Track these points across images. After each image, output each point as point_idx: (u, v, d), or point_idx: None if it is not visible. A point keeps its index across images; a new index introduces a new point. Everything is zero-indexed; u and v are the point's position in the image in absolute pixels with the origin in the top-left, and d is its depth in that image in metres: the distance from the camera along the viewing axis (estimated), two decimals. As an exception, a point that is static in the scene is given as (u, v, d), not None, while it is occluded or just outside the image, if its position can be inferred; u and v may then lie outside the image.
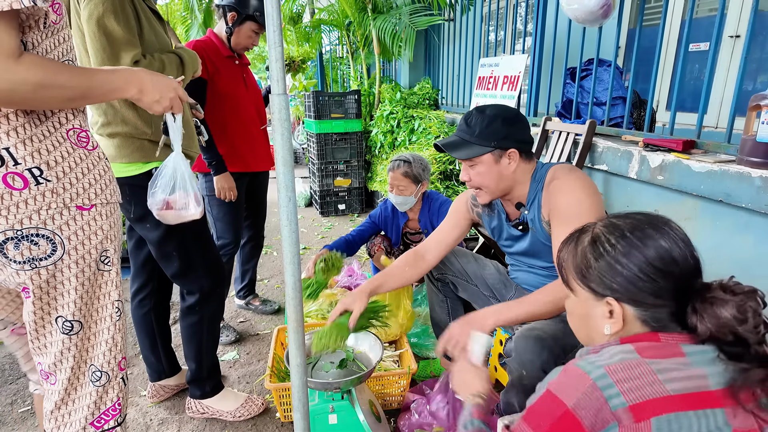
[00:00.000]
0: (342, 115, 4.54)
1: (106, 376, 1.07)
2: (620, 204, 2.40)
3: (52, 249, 0.92)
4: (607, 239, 0.83)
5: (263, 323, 2.57)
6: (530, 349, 1.31)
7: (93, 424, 1.07)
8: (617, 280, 0.80)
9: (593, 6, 2.33)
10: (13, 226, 0.88)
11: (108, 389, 1.08)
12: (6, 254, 0.89)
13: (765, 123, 1.64)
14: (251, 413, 1.80)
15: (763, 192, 1.62)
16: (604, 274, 0.82)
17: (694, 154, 1.99)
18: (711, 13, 3.58)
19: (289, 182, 0.87)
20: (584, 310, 0.87)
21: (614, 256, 0.81)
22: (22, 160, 0.87)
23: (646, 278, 0.79)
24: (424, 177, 2.44)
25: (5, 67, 0.79)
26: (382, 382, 1.76)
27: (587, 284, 0.85)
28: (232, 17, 2.06)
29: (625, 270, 0.80)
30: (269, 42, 0.81)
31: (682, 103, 2.67)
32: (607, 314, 0.83)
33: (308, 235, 4.17)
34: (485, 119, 1.40)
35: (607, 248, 0.82)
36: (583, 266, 0.85)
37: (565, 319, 1.46)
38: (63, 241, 0.93)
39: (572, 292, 0.89)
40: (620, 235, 0.82)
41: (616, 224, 0.84)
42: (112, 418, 1.10)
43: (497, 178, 1.43)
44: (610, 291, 0.82)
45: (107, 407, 1.09)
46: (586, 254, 0.85)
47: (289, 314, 0.95)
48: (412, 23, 4.20)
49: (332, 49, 6.90)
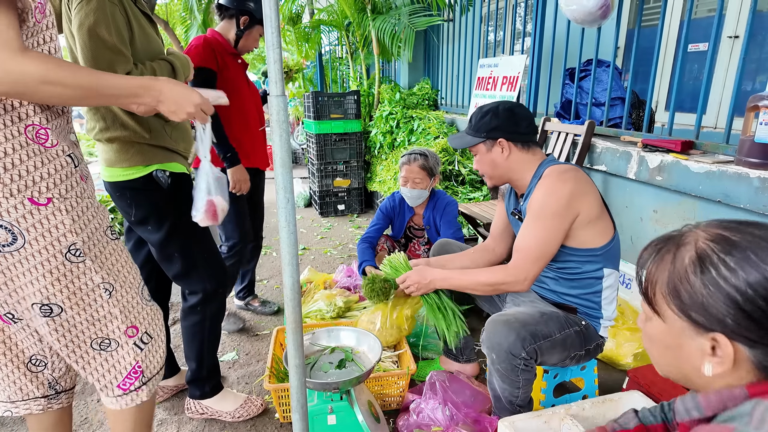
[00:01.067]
0: (341, 116, 4.55)
1: (115, 343, 1.13)
2: (619, 204, 2.41)
3: (12, 238, 0.94)
4: (720, 258, 0.64)
5: (262, 324, 2.57)
6: (497, 332, 1.40)
7: (119, 386, 1.16)
8: (732, 313, 0.62)
9: (592, 7, 2.34)
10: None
11: (123, 354, 1.15)
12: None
13: (763, 124, 1.64)
14: (250, 414, 1.80)
15: (761, 192, 1.63)
16: (714, 304, 0.64)
17: (692, 155, 2.00)
18: (710, 13, 3.58)
19: (288, 183, 0.87)
20: (675, 341, 0.70)
21: (732, 282, 0.62)
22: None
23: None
24: (437, 171, 2.49)
25: (12, 60, 0.81)
26: (381, 383, 1.76)
27: (686, 313, 0.67)
28: (244, 21, 2.10)
29: (748, 303, 0.62)
30: (267, 43, 0.81)
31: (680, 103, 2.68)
32: (708, 351, 0.66)
33: (307, 235, 4.17)
34: (480, 114, 1.56)
35: (722, 271, 0.63)
36: (684, 290, 0.66)
37: (543, 309, 1.50)
38: (22, 232, 0.95)
39: (658, 315, 0.71)
40: (741, 256, 0.63)
41: (729, 239, 0.65)
42: (136, 379, 1.17)
43: (491, 165, 1.57)
44: (720, 326, 0.64)
45: (128, 371, 1.16)
46: (689, 275, 0.66)
47: (287, 315, 0.95)
48: (412, 24, 4.21)
49: (332, 49, 6.91)
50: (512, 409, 1.47)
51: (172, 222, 1.52)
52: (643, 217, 2.25)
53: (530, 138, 1.55)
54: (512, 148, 1.53)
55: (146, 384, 1.20)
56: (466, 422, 1.55)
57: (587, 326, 1.51)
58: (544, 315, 1.47)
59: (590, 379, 1.70)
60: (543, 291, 1.63)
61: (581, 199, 1.41)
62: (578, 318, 1.52)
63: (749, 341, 0.63)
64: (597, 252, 1.47)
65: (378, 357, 1.55)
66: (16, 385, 1.18)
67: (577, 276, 1.51)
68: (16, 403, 1.20)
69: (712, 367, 0.66)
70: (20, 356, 1.16)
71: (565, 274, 1.53)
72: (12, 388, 1.18)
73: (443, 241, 2.01)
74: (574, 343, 1.47)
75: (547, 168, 1.49)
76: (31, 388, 1.20)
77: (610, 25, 2.60)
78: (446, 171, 3.79)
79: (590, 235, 1.46)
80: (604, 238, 1.47)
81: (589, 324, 1.52)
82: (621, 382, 1.84)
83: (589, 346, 1.51)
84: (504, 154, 1.54)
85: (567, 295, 1.55)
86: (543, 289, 1.63)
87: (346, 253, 3.66)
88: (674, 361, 0.72)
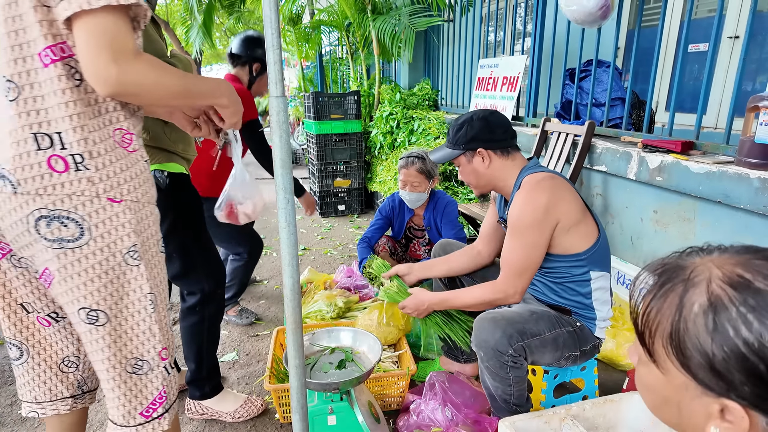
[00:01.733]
0: (341, 116, 4.55)
1: (147, 365, 1.09)
2: (619, 205, 2.41)
3: (80, 233, 0.95)
4: (740, 313, 0.49)
5: (262, 324, 2.57)
6: (484, 329, 1.43)
7: (142, 413, 1.10)
8: (752, 381, 0.49)
9: (592, 7, 2.34)
10: (46, 205, 0.92)
11: (152, 378, 1.10)
12: (38, 230, 0.93)
13: (763, 124, 1.64)
14: (250, 414, 1.80)
15: (762, 193, 1.62)
16: (729, 369, 0.50)
17: (692, 155, 2.00)
18: (710, 13, 3.58)
19: (288, 184, 0.87)
20: (675, 397, 0.57)
21: (754, 347, 0.48)
22: (69, 145, 0.91)
23: None
24: (435, 173, 2.48)
25: (130, 64, 0.86)
26: (381, 383, 1.76)
27: (692, 372, 0.53)
28: (256, 68, 2.27)
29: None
30: (267, 44, 0.81)
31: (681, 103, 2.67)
32: (716, 414, 0.53)
33: (308, 235, 4.18)
34: (456, 126, 1.59)
35: (742, 331, 0.48)
36: (691, 346, 0.52)
37: (534, 309, 1.51)
38: (90, 228, 0.96)
39: (654, 363, 0.58)
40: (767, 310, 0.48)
41: (751, 285, 0.50)
42: (160, 405, 1.13)
43: (474, 175, 1.60)
44: (735, 393, 0.50)
45: (154, 396, 1.11)
46: (698, 330, 0.51)
47: (287, 315, 0.95)
48: (412, 24, 4.21)
49: (332, 49, 6.91)
50: (509, 409, 1.47)
51: (170, 222, 1.52)
52: (644, 218, 2.25)
53: (508, 144, 1.56)
54: (492, 156, 1.55)
55: (168, 411, 1.15)
56: (466, 423, 1.55)
57: (582, 327, 1.51)
58: (534, 314, 1.47)
59: (590, 379, 1.70)
60: (536, 293, 1.63)
61: (558, 207, 1.41)
62: (572, 319, 1.52)
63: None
64: (581, 256, 1.47)
65: (378, 357, 1.55)
66: (45, 385, 1.18)
67: (565, 280, 1.52)
68: (43, 404, 1.19)
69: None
70: (53, 357, 1.16)
71: (553, 278, 1.54)
72: (41, 388, 1.18)
73: (444, 241, 2.01)
74: (567, 343, 1.47)
75: (524, 177, 1.50)
76: (61, 389, 1.19)
77: (611, 25, 2.60)
78: (446, 171, 3.79)
79: (572, 241, 1.46)
80: (587, 242, 1.47)
81: (584, 325, 1.52)
82: (621, 383, 1.84)
83: (584, 347, 1.51)
84: (485, 163, 1.56)
85: (558, 297, 1.55)
86: (536, 291, 1.63)
87: (346, 253, 3.66)
88: (674, 417, 0.60)
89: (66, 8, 0.82)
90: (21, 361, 1.15)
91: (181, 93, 0.99)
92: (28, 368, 1.15)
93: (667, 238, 2.12)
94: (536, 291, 1.62)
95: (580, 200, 1.47)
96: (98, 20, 0.83)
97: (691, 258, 0.56)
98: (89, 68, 0.85)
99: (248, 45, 2.27)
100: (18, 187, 0.91)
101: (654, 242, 2.21)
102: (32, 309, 1.10)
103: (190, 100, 1.07)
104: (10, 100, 0.89)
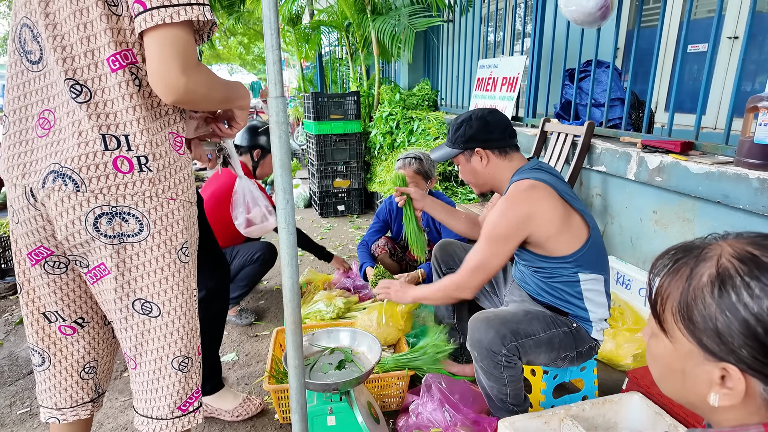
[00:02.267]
0: (341, 117, 4.55)
1: (190, 362, 1.13)
2: (619, 205, 2.41)
3: (140, 228, 1.00)
4: (744, 282, 0.55)
5: (262, 325, 2.57)
6: (477, 329, 1.44)
7: (180, 408, 1.13)
8: (750, 345, 0.54)
9: (591, 7, 2.34)
10: (109, 202, 0.96)
11: (192, 374, 1.14)
12: (98, 228, 0.97)
13: (762, 125, 1.65)
14: (249, 413, 1.80)
15: (761, 193, 1.63)
16: (730, 333, 0.55)
17: (692, 156, 2.00)
18: (709, 14, 3.58)
19: (287, 185, 0.87)
20: (681, 364, 0.62)
21: (754, 311, 0.54)
22: (135, 147, 0.96)
23: None
24: (433, 173, 2.48)
25: (196, 74, 0.92)
26: (381, 384, 1.76)
27: (697, 337, 0.59)
28: (257, 153, 2.45)
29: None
30: (267, 45, 0.81)
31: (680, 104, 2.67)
32: (717, 380, 0.58)
33: (307, 236, 4.17)
34: (455, 125, 1.60)
35: (744, 297, 0.54)
36: (697, 312, 0.58)
37: (529, 309, 1.51)
38: (150, 224, 1.00)
39: (665, 333, 0.63)
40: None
41: (758, 260, 0.55)
42: (195, 399, 1.16)
43: (473, 174, 1.62)
44: (734, 357, 0.56)
45: (192, 391, 1.15)
46: (705, 296, 0.57)
47: (286, 316, 0.95)
48: (411, 24, 4.21)
49: (332, 50, 6.91)
50: (506, 409, 1.48)
51: None
52: (643, 218, 2.25)
53: (506, 143, 1.56)
54: (490, 156, 1.56)
55: (201, 405, 1.19)
56: (465, 423, 1.55)
57: (578, 328, 1.51)
58: (529, 314, 1.47)
59: (590, 380, 1.70)
60: (531, 292, 1.63)
61: (534, 221, 1.42)
62: (568, 320, 1.52)
63: (765, 378, 0.55)
64: (567, 259, 1.47)
65: (378, 358, 1.55)
66: (66, 392, 1.19)
67: (554, 279, 1.52)
68: (63, 410, 1.20)
69: (719, 398, 0.59)
70: (74, 366, 1.18)
71: (543, 276, 1.54)
72: (62, 395, 1.19)
73: (445, 241, 2.01)
74: (563, 343, 1.47)
75: (513, 182, 1.51)
76: (81, 395, 1.21)
77: (610, 25, 2.60)
78: (446, 171, 3.79)
79: (554, 246, 1.46)
80: (573, 245, 1.46)
81: (580, 326, 1.51)
82: (621, 383, 1.84)
83: (580, 348, 1.50)
84: (483, 162, 1.57)
85: (550, 295, 1.55)
86: (531, 290, 1.63)
87: (345, 253, 3.66)
88: (678, 385, 0.65)
89: (148, 21, 0.87)
90: (43, 368, 1.17)
91: (225, 98, 1.07)
92: (50, 375, 1.17)
93: (667, 239, 2.12)
94: (530, 289, 1.62)
95: (561, 208, 1.43)
96: (172, 33, 0.89)
97: (709, 240, 0.62)
98: (160, 77, 0.90)
99: (248, 135, 2.55)
100: (81, 186, 0.94)
101: (653, 243, 2.21)
102: (55, 318, 1.13)
103: (229, 104, 1.12)
104: (79, 102, 0.93)
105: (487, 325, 1.42)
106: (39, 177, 0.97)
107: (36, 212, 1.00)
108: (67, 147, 0.94)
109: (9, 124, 1.02)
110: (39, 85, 0.98)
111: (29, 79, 0.99)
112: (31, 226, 1.02)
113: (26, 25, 0.97)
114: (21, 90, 1.00)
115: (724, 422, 0.62)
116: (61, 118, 0.96)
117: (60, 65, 0.93)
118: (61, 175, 0.94)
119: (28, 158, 1.00)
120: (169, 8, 0.87)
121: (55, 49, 0.93)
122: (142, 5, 0.87)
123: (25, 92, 1.00)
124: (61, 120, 0.96)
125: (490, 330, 1.40)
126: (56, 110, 0.97)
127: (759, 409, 0.58)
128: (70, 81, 0.93)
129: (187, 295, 1.09)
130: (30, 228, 1.02)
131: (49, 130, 0.97)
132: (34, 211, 1.00)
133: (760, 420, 0.58)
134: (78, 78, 0.93)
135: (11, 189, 1.03)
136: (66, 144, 0.95)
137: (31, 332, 1.14)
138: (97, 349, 1.20)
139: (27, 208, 1.00)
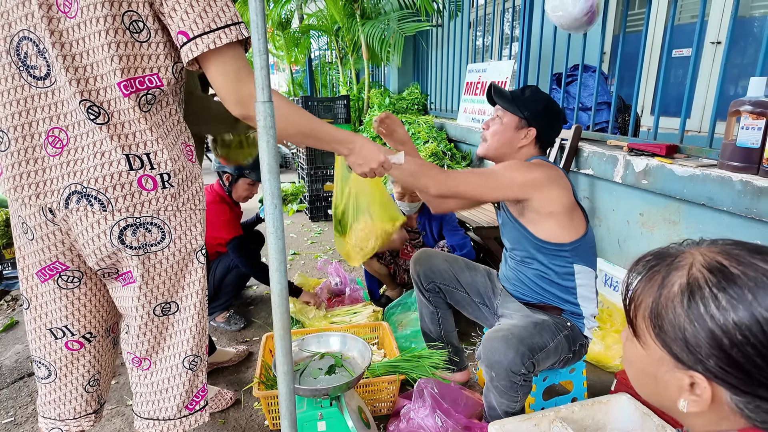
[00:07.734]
0: (331, 120, 4.54)
1: (199, 360, 1.14)
2: (606, 208, 2.43)
3: (162, 236, 1.03)
4: (711, 293, 0.55)
5: (251, 330, 2.55)
6: (495, 349, 1.38)
7: (187, 407, 1.15)
8: (716, 355, 0.55)
9: (578, 13, 2.37)
10: (132, 213, 0.99)
11: (199, 372, 1.15)
12: (124, 240, 1.00)
13: (744, 128, 1.68)
14: (219, 407, 1.84)
15: (743, 196, 1.65)
16: (697, 343, 0.56)
17: (677, 159, 2.03)
18: (692, 19, 3.65)
19: (275, 189, 0.86)
20: (653, 370, 0.63)
21: (720, 322, 0.54)
22: (157, 165, 0.98)
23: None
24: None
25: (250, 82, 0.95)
26: (372, 388, 1.76)
27: (666, 345, 0.59)
28: (227, 178, 2.41)
29: (735, 348, 0.54)
30: (254, 49, 0.81)
31: (665, 107, 2.72)
32: (686, 387, 0.59)
33: (298, 240, 4.16)
34: (534, 95, 1.57)
35: (711, 308, 0.55)
36: (667, 321, 0.59)
37: (534, 319, 1.51)
38: (170, 231, 1.03)
39: (637, 339, 0.64)
40: (737, 293, 0.54)
41: (727, 271, 0.56)
42: (202, 398, 1.18)
43: (504, 140, 1.57)
44: (702, 366, 0.57)
45: (198, 389, 1.16)
46: (674, 305, 0.58)
47: (275, 321, 0.94)
48: (401, 29, 4.23)
49: (321, 54, 6.92)
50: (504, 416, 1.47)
51: None
52: (630, 220, 2.28)
53: (549, 143, 1.62)
54: (532, 143, 1.56)
55: (207, 403, 1.19)
56: (457, 428, 1.55)
57: (573, 327, 1.53)
58: (537, 325, 1.47)
59: (579, 381, 1.72)
60: (521, 296, 1.63)
61: (543, 190, 1.43)
62: (563, 320, 1.53)
63: (731, 387, 0.56)
64: (566, 247, 1.49)
65: (368, 362, 1.55)
66: (71, 404, 1.19)
67: (548, 275, 1.53)
68: (67, 421, 1.20)
69: (688, 404, 0.60)
70: (80, 379, 1.18)
71: (538, 271, 1.55)
72: (66, 407, 1.19)
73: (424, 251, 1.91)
74: (564, 347, 1.48)
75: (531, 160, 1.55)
76: (85, 407, 1.21)
77: (596, 30, 2.63)
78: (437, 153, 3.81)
79: (555, 228, 1.48)
80: (573, 234, 1.49)
81: (574, 325, 1.53)
82: (610, 384, 1.85)
83: (574, 347, 1.52)
84: (523, 141, 1.56)
85: (545, 291, 1.56)
86: (519, 293, 1.63)
87: (337, 257, 3.65)
88: (651, 389, 0.67)
89: (194, 50, 0.91)
90: (48, 380, 1.17)
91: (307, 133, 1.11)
92: (56, 387, 1.17)
93: (654, 241, 2.14)
94: (524, 290, 1.62)
95: (569, 196, 1.48)
96: (230, 53, 0.93)
97: (683, 248, 0.63)
98: (231, 95, 0.95)
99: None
100: (108, 206, 0.97)
101: (641, 244, 2.24)
102: (62, 334, 1.13)
103: (313, 143, 1.17)
104: (98, 124, 0.95)
105: (506, 345, 1.37)
106: (59, 197, 0.97)
107: (55, 227, 1.01)
108: (88, 167, 0.95)
109: (9, 141, 0.99)
110: (46, 102, 0.96)
111: (32, 94, 0.97)
112: (49, 241, 1.02)
113: (29, 39, 0.94)
114: (22, 105, 0.97)
115: (696, 426, 0.63)
116: (77, 138, 0.96)
117: (74, 86, 0.92)
118: (85, 195, 0.95)
119: (41, 177, 0.98)
120: (211, 34, 0.91)
121: (68, 69, 0.92)
122: (185, 35, 0.91)
123: (28, 108, 0.97)
124: (77, 140, 0.96)
125: (509, 351, 1.36)
126: (69, 129, 0.96)
127: (728, 415, 0.59)
128: (86, 102, 0.93)
129: (202, 295, 1.12)
130: (47, 243, 1.03)
131: (62, 149, 0.96)
132: (53, 226, 1.01)
133: (730, 427, 0.59)
134: (94, 100, 0.94)
135: (23, 207, 1.01)
136: (86, 164, 0.96)
137: (38, 347, 1.13)
138: (101, 362, 1.20)
139: (45, 224, 1.01)
